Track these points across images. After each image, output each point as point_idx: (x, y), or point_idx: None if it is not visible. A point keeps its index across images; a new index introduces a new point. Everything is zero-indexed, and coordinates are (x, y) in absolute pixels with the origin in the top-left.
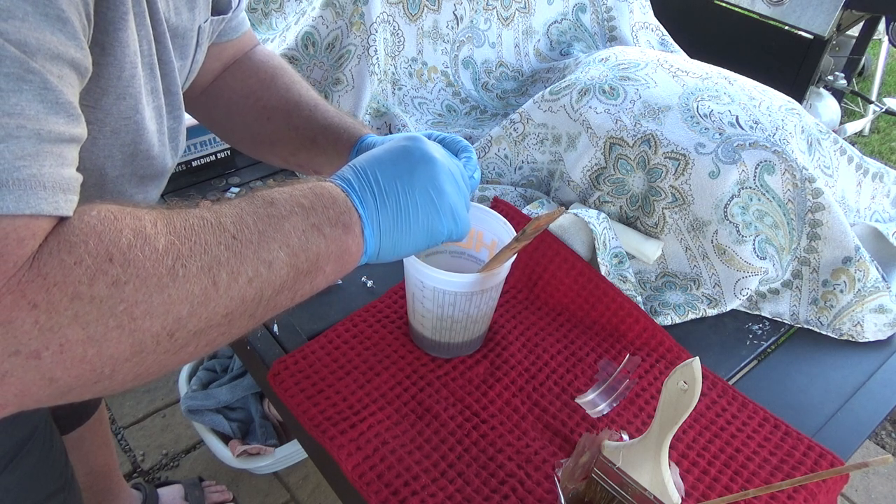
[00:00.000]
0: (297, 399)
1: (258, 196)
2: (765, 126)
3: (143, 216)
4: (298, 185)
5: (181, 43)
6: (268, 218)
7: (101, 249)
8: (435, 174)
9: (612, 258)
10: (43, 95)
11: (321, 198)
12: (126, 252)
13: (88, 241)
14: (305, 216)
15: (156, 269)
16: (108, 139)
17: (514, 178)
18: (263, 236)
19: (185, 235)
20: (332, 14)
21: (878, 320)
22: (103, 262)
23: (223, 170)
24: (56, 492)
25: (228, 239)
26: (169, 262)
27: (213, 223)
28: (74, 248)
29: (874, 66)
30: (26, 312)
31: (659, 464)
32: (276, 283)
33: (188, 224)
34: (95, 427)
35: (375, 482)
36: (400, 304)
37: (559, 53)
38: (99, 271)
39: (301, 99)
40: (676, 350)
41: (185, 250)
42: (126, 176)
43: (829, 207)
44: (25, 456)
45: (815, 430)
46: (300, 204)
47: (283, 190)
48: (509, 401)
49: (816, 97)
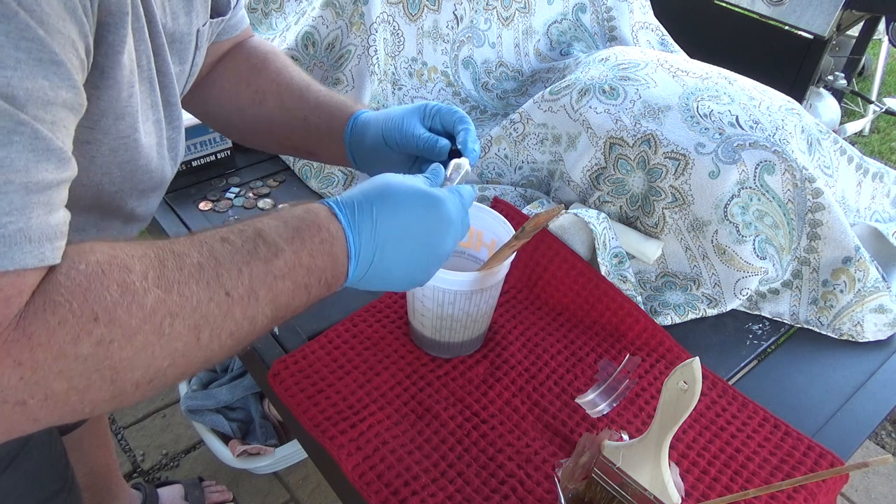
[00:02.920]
0: (297, 399)
1: (262, 243)
2: (765, 126)
3: (134, 267)
4: (310, 238)
5: (179, 48)
6: (265, 275)
7: (85, 309)
8: (443, 242)
9: (612, 258)
10: (34, 145)
11: (324, 259)
12: (112, 311)
13: (73, 302)
14: (303, 276)
15: (141, 328)
16: (105, 157)
17: (514, 178)
18: (255, 294)
19: (176, 290)
20: (332, 14)
21: (878, 320)
22: (88, 322)
23: (223, 170)
24: (56, 493)
25: (221, 296)
26: (156, 321)
27: (209, 274)
28: (59, 308)
29: (874, 66)
30: (11, 370)
31: (659, 464)
32: (255, 333)
33: (182, 275)
34: (95, 427)
35: (375, 482)
36: (400, 303)
37: (559, 53)
38: (83, 331)
39: (292, 81)
40: (676, 350)
41: (174, 307)
42: (125, 190)
43: (829, 207)
44: (25, 457)
45: (815, 430)
46: (301, 263)
47: (293, 244)
48: (509, 401)
49: (816, 97)
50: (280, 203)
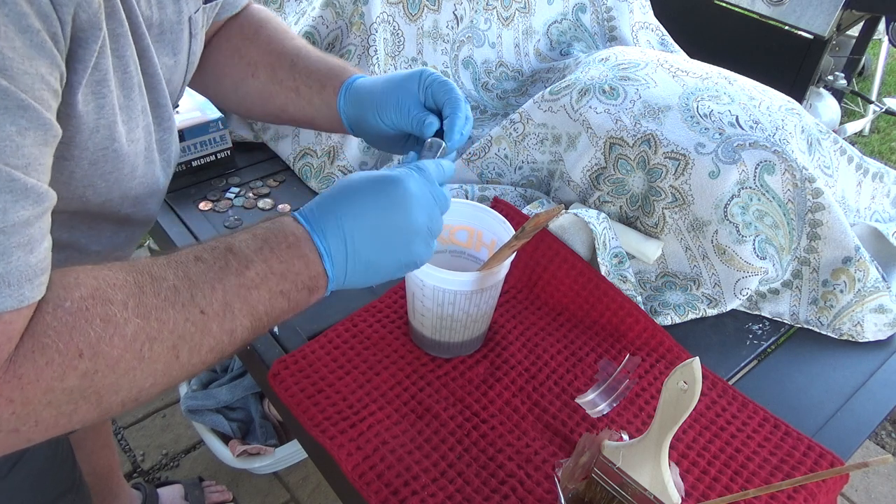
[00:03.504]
0: (297, 399)
1: (232, 257)
2: (765, 126)
3: (115, 297)
4: (276, 245)
5: (170, 39)
6: (238, 288)
7: (71, 347)
8: (409, 216)
9: (612, 258)
10: (10, 186)
11: (295, 263)
12: (95, 345)
13: (59, 342)
14: (276, 283)
15: (123, 356)
16: (86, 171)
17: (514, 178)
18: (230, 308)
19: (154, 315)
20: (332, 14)
21: (878, 320)
22: (73, 358)
23: (223, 170)
24: (64, 492)
25: (196, 314)
26: (136, 347)
27: (184, 296)
28: (46, 349)
29: (874, 66)
30: (4, 406)
31: (659, 464)
32: (236, 344)
33: (159, 300)
34: (97, 427)
35: (375, 482)
36: (400, 303)
37: (559, 53)
38: (69, 367)
39: (284, 50)
40: (676, 350)
41: (153, 332)
42: (114, 200)
43: (829, 207)
44: (31, 456)
45: (815, 430)
46: (273, 271)
47: (262, 253)
48: (509, 401)
49: (816, 97)
50: (280, 203)
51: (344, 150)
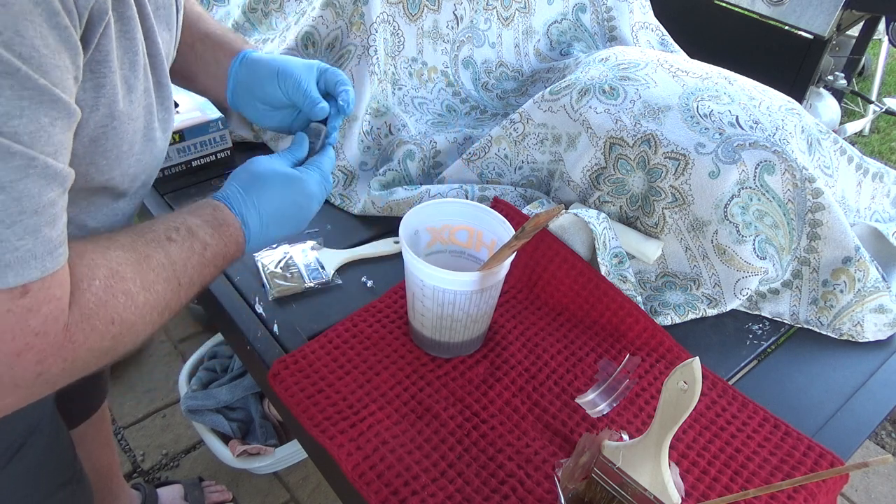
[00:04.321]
0: (297, 399)
1: (196, 242)
2: (765, 126)
3: (127, 276)
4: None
5: (164, 14)
6: (200, 266)
7: (107, 316)
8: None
9: (612, 258)
10: (44, 173)
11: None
12: (123, 314)
13: (99, 312)
14: (220, 262)
15: (136, 321)
16: (87, 148)
17: (514, 178)
18: (193, 281)
19: (153, 288)
20: (332, 14)
21: (878, 320)
22: (108, 325)
23: (223, 170)
24: (65, 483)
25: (176, 286)
26: (144, 314)
27: (168, 272)
28: (92, 318)
29: (874, 66)
30: (58, 364)
31: (659, 464)
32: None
33: (154, 275)
34: (98, 425)
35: (375, 482)
36: (400, 304)
37: (559, 53)
38: (107, 332)
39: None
40: (676, 350)
41: (153, 301)
42: (116, 177)
43: (829, 207)
44: (31, 446)
45: (815, 430)
46: (218, 253)
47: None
48: (509, 401)
49: (816, 97)
50: None
51: (344, 150)
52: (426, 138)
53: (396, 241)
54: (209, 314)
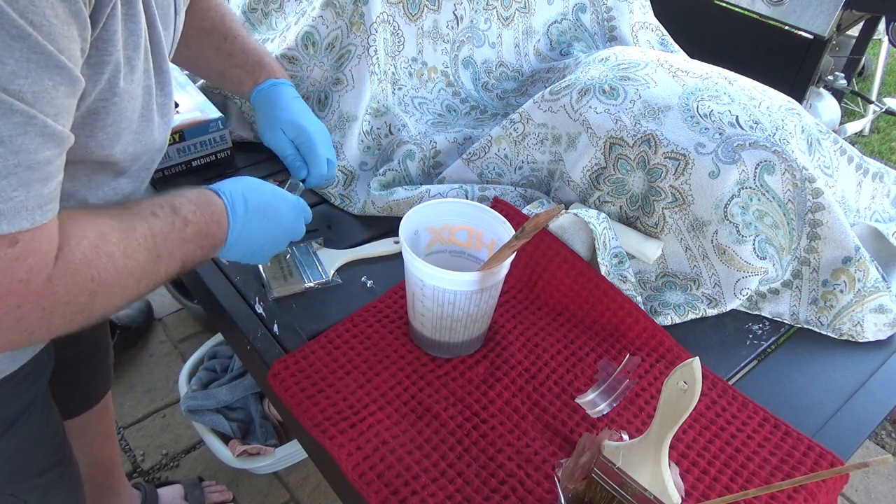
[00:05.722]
0: (297, 399)
1: (177, 218)
2: (765, 126)
3: (111, 240)
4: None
5: (163, 14)
6: (180, 242)
7: (88, 274)
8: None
9: (612, 258)
10: (42, 131)
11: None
12: (102, 273)
13: (82, 269)
14: (201, 240)
15: (113, 284)
16: (86, 119)
17: (514, 178)
18: (173, 255)
19: (133, 256)
20: (332, 14)
21: (878, 320)
22: (88, 281)
23: (223, 170)
24: (54, 465)
25: (155, 257)
26: (122, 278)
27: (149, 243)
28: (75, 273)
29: (874, 66)
30: (37, 311)
31: (659, 464)
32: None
33: (137, 244)
34: (101, 416)
35: (375, 482)
36: (400, 304)
37: (559, 53)
38: (85, 288)
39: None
40: (676, 350)
41: (131, 267)
42: (116, 154)
43: (829, 207)
44: (22, 426)
45: (815, 430)
46: (200, 231)
47: (196, 215)
48: (509, 401)
49: (816, 97)
50: None
51: (344, 150)
52: (426, 138)
53: (396, 241)
54: (209, 314)
